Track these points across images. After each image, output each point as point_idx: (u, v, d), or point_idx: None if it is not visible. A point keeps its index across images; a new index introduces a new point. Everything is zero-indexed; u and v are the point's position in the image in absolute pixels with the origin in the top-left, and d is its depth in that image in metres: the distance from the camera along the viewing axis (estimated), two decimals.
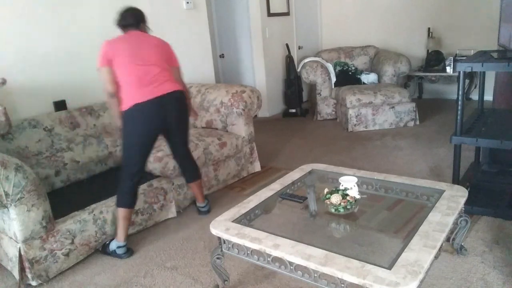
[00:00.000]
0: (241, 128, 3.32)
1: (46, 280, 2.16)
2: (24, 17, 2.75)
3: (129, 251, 2.41)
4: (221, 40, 5.66)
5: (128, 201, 2.36)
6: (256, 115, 3.75)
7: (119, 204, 2.35)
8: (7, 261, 2.22)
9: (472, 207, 2.42)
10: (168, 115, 2.40)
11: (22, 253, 2.07)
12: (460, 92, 2.38)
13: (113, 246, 2.39)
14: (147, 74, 2.32)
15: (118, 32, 3.33)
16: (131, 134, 2.34)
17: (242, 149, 3.35)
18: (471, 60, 2.34)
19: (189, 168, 2.70)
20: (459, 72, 2.34)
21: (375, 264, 1.38)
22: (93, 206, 2.39)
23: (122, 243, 2.37)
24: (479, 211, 2.44)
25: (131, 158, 2.37)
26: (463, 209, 1.96)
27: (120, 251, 2.38)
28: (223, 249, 1.82)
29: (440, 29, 5.60)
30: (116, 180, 2.41)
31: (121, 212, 2.34)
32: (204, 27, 4.11)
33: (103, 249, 2.43)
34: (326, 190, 1.95)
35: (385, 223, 1.86)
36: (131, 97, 2.29)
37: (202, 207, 2.84)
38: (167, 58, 2.46)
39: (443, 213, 1.70)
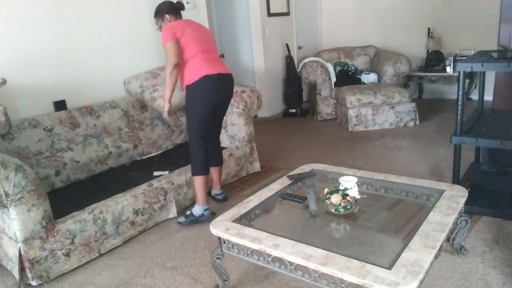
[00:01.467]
0: (241, 128, 3.32)
1: (46, 280, 2.16)
2: (24, 17, 2.75)
3: (212, 212, 2.73)
4: (221, 40, 5.66)
5: (202, 169, 2.62)
6: (256, 115, 3.75)
7: (194, 173, 2.62)
8: (7, 261, 2.22)
9: (472, 207, 2.42)
10: (225, 93, 2.67)
11: (22, 253, 2.07)
12: (460, 92, 2.38)
13: (198, 211, 2.66)
14: (210, 52, 2.61)
15: (117, 32, 3.34)
16: (200, 104, 2.55)
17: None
18: (471, 60, 2.34)
19: (215, 152, 2.85)
20: (459, 72, 2.35)
21: (375, 264, 1.38)
22: (93, 206, 2.39)
23: (206, 206, 2.68)
24: (479, 211, 2.44)
25: (199, 127, 2.58)
26: (463, 209, 1.97)
27: (207, 213, 2.68)
28: (223, 249, 1.82)
29: (440, 29, 5.60)
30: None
31: (198, 180, 2.61)
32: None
33: (187, 218, 2.66)
34: (326, 190, 1.95)
35: (385, 223, 1.86)
36: (201, 69, 2.51)
37: (219, 195, 2.96)
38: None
39: (443, 213, 1.71)
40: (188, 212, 2.70)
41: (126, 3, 3.35)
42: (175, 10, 2.70)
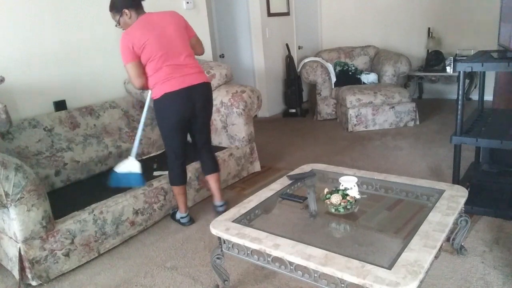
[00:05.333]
0: (241, 128, 3.32)
1: (46, 280, 2.16)
2: (25, 17, 2.75)
3: (191, 220, 2.70)
4: (221, 40, 5.66)
5: (179, 179, 2.57)
6: (256, 115, 3.75)
7: (172, 183, 2.60)
8: (7, 261, 2.22)
9: (472, 207, 2.42)
10: (198, 105, 2.44)
11: (22, 253, 2.07)
12: (460, 92, 2.38)
13: (177, 216, 2.70)
14: (177, 57, 2.35)
15: (117, 32, 3.34)
16: (165, 122, 2.44)
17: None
18: (471, 60, 2.34)
19: (209, 161, 2.70)
20: (459, 72, 2.34)
21: (375, 264, 1.38)
22: (93, 206, 2.39)
23: (184, 214, 2.68)
24: (479, 211, 2.44)
25: (171, 143, 2.50)
26: (463, 209, 1.97)
27: (183, 221, 2.69)
28: (223, 249, 1.82)
29: (440, 29, 5.60)
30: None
31: (175, 189, 2.60)
32: (204, 27, 4.11)
33: (172, 216, 2.77)
34: (326, 190, 1.95)
35: (385, 223, 1.86)
36: (162, 86, 2.32)
37: (220, 206, 2.73)
38: (187, 31, 2.45)
39: (443, 213, 1.70)
40: (175, 210, 2.76)
41: None
42: (135, 3, 2.34)
